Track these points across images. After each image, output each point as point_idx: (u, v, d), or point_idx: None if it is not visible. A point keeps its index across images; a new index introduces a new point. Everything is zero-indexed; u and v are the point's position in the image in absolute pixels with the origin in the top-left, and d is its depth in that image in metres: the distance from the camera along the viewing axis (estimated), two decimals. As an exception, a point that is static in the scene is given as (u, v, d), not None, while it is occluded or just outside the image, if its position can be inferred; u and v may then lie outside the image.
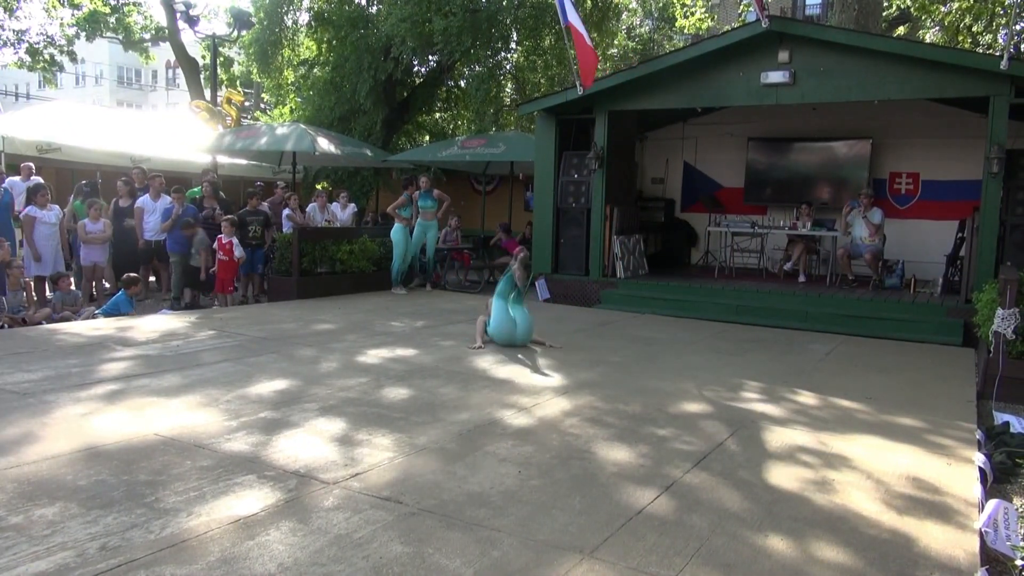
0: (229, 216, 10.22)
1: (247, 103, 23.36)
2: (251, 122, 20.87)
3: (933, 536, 3.32)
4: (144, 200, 10.59)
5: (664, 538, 3.19)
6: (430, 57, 16.71)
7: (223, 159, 15.07)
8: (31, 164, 11.03)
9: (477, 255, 14.23)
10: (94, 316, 8.47)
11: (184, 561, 2.83)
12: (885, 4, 17.27)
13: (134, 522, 3.13)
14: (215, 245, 9.93)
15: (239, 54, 22.75)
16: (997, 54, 9.26)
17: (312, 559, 2.88)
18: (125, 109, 36.24)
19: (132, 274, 9.36)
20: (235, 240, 9.97)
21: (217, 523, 3.15)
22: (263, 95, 25.39)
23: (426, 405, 5.09)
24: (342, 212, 13.21)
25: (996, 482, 4.28)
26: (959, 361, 7.39)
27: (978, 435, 4.85)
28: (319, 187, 17.07)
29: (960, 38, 17.50)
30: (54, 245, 9.48)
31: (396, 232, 10.93)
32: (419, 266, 11.53)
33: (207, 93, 19.20)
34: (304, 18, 18.05)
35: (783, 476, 4.00)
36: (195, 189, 11.77)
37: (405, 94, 17.63)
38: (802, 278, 10.94)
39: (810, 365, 6.99)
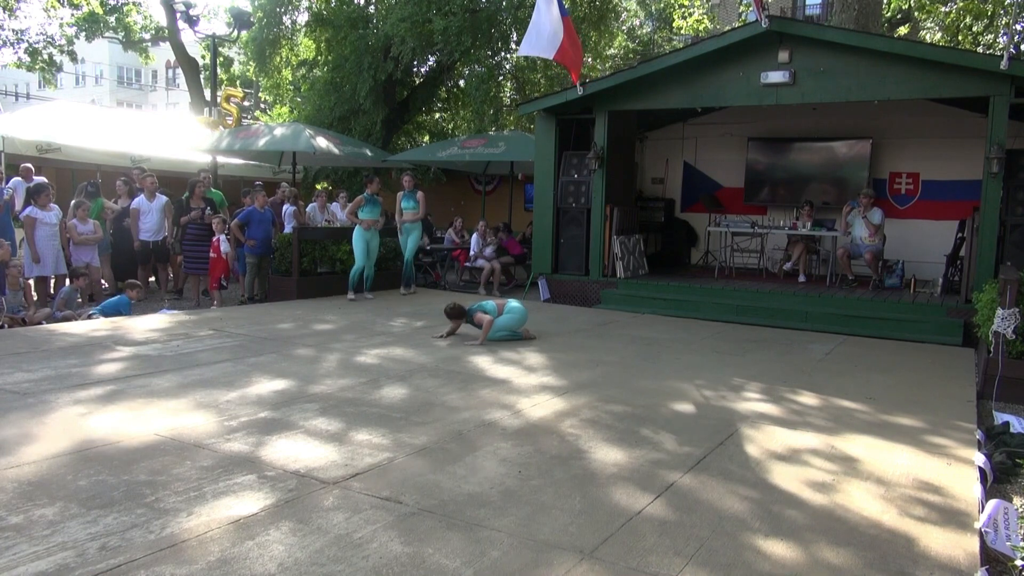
0: (220, 216, 10.35)
1: (247, 102, 23.33)
2: (251, 122, 20.85)
3: (933, 536, 3.32)
4: (140, 201, 10.59)
5: (664, 538, 3.19)
6: (430, 57, 16.72)
7: (223, 159, 15.07)
8: (30, 165, 11.01)
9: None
10: (90, 316, 8.49)
11: (184, 561, 2.83)
12: (885, 4, 17.26)
13: (134, 522, 3.13)
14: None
15: (239, 54, 22.75)
16: (997, 54, 9.26)
17: (312, 559, 2.88)
18: (125, 109, 36.20)
19: (134, 280, 9.55)
20: (222, 237, 10.24)
21: (217, 523, 3.15)
22: (261, 94, 25.39)
23: (425, 405, 5.09)
24: (342, 212, 13.20)
25: (996, 482, 4.28)
26: (959, 361, 7.38)
27: (978, 435, 4.85)
28: (319, 187, 17.06)
29: (960, 38, 17.51)
30: (55, 246, 9.47)
31: (354, 235, 10.34)
32: (405, 270, 11.04)
33: (207, 93, 19.19)
34: (303, 18, 18.06)
35: (783, 476, 4.00)
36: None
37: (405, 94, 17.63)
38: (802, 278, 10.94)
39: (810, 365, 6.99)
